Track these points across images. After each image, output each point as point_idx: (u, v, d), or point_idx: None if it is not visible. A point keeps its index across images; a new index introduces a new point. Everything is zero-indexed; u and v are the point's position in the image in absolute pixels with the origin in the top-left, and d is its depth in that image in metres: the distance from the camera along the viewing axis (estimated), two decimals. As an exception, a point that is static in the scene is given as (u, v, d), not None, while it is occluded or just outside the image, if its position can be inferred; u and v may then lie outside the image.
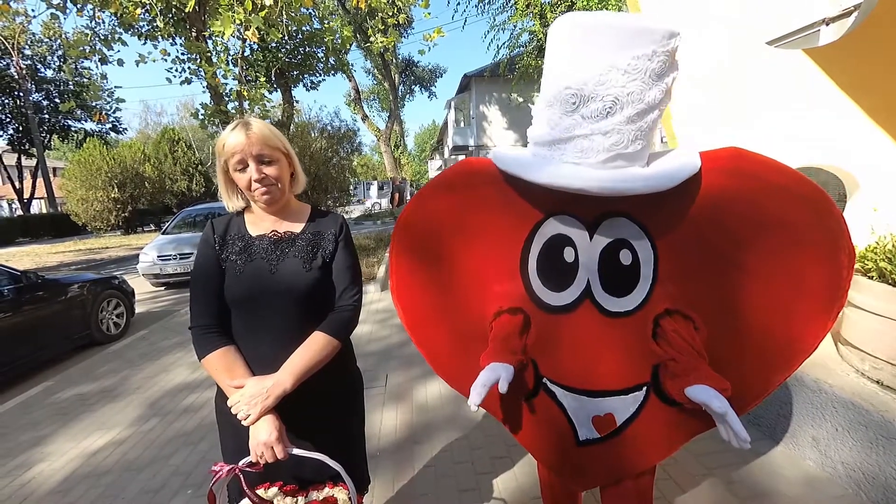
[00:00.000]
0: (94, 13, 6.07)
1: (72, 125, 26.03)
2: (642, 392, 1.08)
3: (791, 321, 1.01)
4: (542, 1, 10.10)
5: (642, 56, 0.88)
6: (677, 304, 1.04)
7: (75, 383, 3.58)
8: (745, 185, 0.99)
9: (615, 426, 1.10)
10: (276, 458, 0.99)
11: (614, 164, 0.95)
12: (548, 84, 1.00)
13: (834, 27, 4.22)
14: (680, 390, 0.97)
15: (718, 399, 0.89)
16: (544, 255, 1.10)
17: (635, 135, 0.93)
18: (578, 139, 0.95)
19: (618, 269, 1.05)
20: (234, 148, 1.04)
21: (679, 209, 1.03)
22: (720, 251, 1.02)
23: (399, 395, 2.92)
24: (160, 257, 7.23)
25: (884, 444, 1.63)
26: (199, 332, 1.07)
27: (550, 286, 1.10)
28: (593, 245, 1.05)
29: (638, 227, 1.04)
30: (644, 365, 1.07)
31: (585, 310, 1.07)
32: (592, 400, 1.10)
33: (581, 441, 1.13)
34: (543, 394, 1.14)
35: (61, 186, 18.93)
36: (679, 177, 0.96)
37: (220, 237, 1.12)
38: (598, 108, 0.91)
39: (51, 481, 2.28)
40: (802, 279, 0.98)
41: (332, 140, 9.42)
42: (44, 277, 4.27)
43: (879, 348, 1.79)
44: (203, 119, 6.63)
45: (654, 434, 1.11)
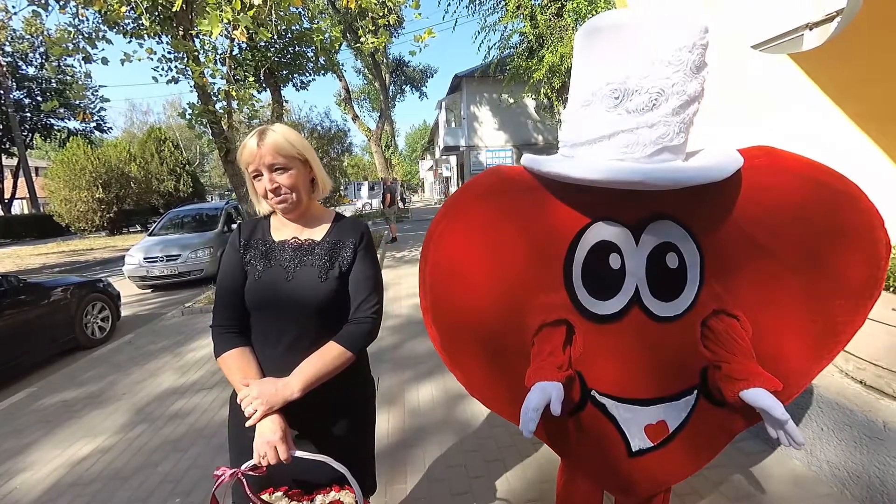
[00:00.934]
0: (77, 10, 5.93)
1: (55, 124, 25.46)
2: (693, 396, 1.08)
3: (832, 313, 1.05)
4: (532, 2, 10.15)
5: (684, 48, 0.89)
6: (724, 303, 1.05)
7: (60, 389, 3.50)
8: (784, 181, 1.01)
9: (668, 433, 1.09)
10: (280, 459, 0.98)
11: (661, 157, 0.94)
12: (582, 84, 0.99)
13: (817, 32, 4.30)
14: (736, 394, 0.97)
15: (780, 406, 0.91)
16: (589, 264, 1.05)
17: (679, 127, 0.93)
18: (623, 134, 0.93)
19: (665, 272, 1.03)
20: (249, 157, 1.06)
21: (721, 208, 1.03)
22: (763, 248, 1.03)
23: (391, 399, 2.91)
24: (147, 259, 7.12)
25: (867, 444, 1.66)
26: (219, 331, 1.10)
27: (597, 295, 1.06)
28: (640, 250, 1.02)
29: (683, 229, 1.02)
30: (694, 368, 1.07)
31: (634, 317, 1.04)
32: (644, 409, 1.07)
33: (634, 452, 1.10)
34: (591, 407, 1.10)
35: (44, 186, 18.55)
36: (731, 169, 0.95)
37: (244, 240, 1.14)
38: (643, 101, 0.90)
39: (35, 491, 2.23)
40: (843, 272, 1.02)
41: (323, 140, 9.38)
42: (25, 281, 4.17)
43: (863, 349, 1.83)
44: (191, 119, 6.52)
45: (703, 437, 1.12)
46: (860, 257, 1.00)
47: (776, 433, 0.95)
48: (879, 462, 1.62)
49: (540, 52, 10.38)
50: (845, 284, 1.02)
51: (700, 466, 1.18)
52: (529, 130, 20.08)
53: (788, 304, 1.05)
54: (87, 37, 6.09)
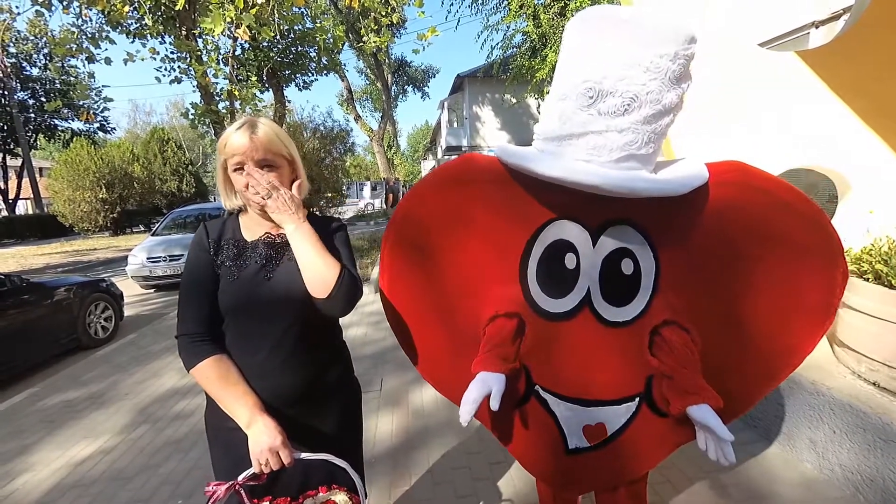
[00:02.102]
0: (80, 11, 5.95)
1: (58, 124, 25.55)
2: (635, 403, 1.08)
3: (788, 332, 1.04)
4: (535, 2, 10.12)
5: (665, 55, 0.86)
6: (677, 315, 1.04)
7: (62, 389, 3.49)
8: (752, 199, 1.00)
9: (606, 436, 1.10)
10: (282, 464, 0.95)
11: (627, 164, 0.93)
12: (563, 77, 0.97)
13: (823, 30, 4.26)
14: (683, 407, 0.97)
15: (723, 427, 0.91)
16: (545, 261, 1.07)
17: (649, 136, 0.92)
18: (592, 135, 0.92)
19: (619, 277, 1.03)
20: (235, 149, 0.99)
21: (684, 220, 1.02)
22: (723, 263, 1.03)
23: (394, 400, 2.89)
24: (150, 259, 7.11)
25: (882, 447, 1.63)
26: (188, 341, 1.01)
27: (550, 292, 1.08)
28: (596, 252, 1.03)
29: (641, 237, 1.02)
30: (639, 376, 1.07)
31: (584, 318, 1.05)
32: (585, 409, 1.09)
33: (570, 450, 1.12)
34: (535, 401, 1.12)
35: (48, 187, 18.60)
36: (691, 184, 0.95)
37: (214, 241, 1.07)
38: (616, 104, 0.89)
39: (36, 492, 2.21)
40: (800, 292, 1.02)
41: (325, 140, 9.35)
42: (28, 280, 4.17)
43: (876, 350, 1.80)
44: (193, 119, 6.54)
45: (643, 444, 1.11)
46: (818, 281, 1.01)
47: (706, 446, 0.96)
48: (894, 466, 1.59)
49: (543, 51, 10.35)
50: (802, 308, 1.03)
51: (637, 473, 1.18)
52: (532, 130, 19.85)
53: (747, 320, 1.05)
54: (90, 37, 6.11)
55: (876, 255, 1.85)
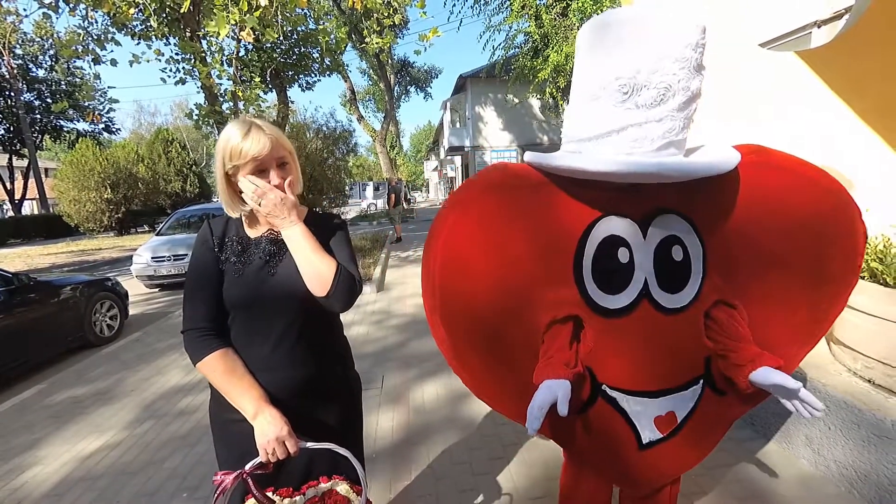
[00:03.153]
0: (86, 13, 6.01)
1: (64, 125, 25.78)
2: (699, 385, 1.11)
3: (817, 301, 1.13)
4: (537, 2, 10.13)
5: (689, 45, 0.91)
6: (723, 294, 1.08)
7: (69, 386, 3.54)
8: (779, 178, 1.06)
9: (676, 423, 1.10)
10: (289, 453, 0.97)
11: (667, 151, 0.96)
12: (590, 78, 0.99)
13: (826, 29, 4.26)
14: (745, 378, 1.00)
15: (789, 378, 0.95)
16: (599, 258, 1.05)
17: (684, 122, 0.95)
18: (632, 128, 0.94)
19: (671, 265, 1.05)
20: (256, 153, 0.99)
21: (721, 202, 1.06)
22: (756, 241, 1.08)
23: (396, 397, 2.92)
24: (154, 259, 7.18)
25: (876, 443, 1.65)
26: (194, 335, 1.02)
27: (608, 289, 1.06)
28: (647, 243, 1.04)
29: (686, 223, 1.05)
30: (699, 358, 1.10)
31: (643, 310, 1.05)
32: (654, 400, 1.08)
33: (644, 444, 1.11)
34: (602, 401, 1.10)
35: (53, 187, 18.74)
36: (732, 163, 0.98)
37: (218, 238, 1.09)
38: (651, 96, 0.92)
39: (44, 485, 2.26)
40: (828, 263, 1.10)
41: (328, 141, 9.39)
42: (36, 279, 4.22)
43: (871, 348, 1.82)
44: (197, 120, 6.58)
45: (707, 426, 1.15)
46: (843, 248, 1.09)
47: (792, 406, 0.98)
48: (889, 462, 1.61)
49: (545, 51, 10.35)
50: (829, 274, 1.10)
51: (703, 457, 1.21)
52: (534, 130, 20.04)
53: (779, 294, 1.11)
54: (96, 39, 6.17)
55: (872, 253, 1.86)
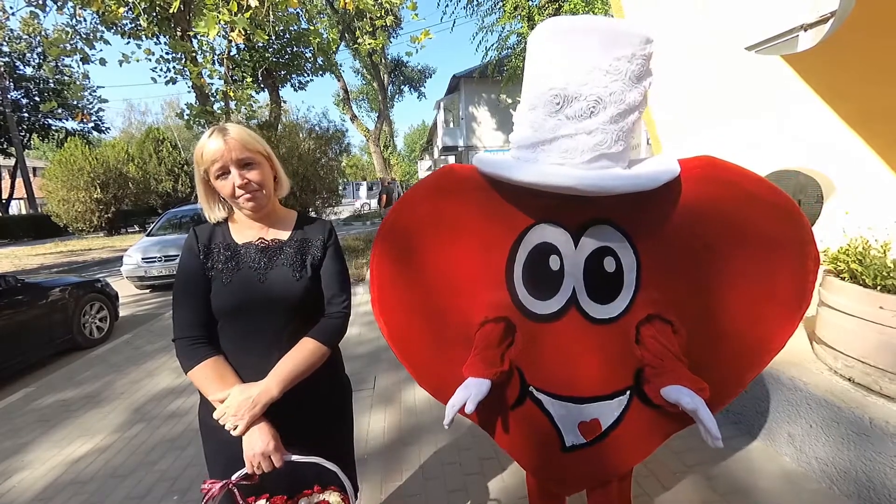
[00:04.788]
0: (75, 11, 5.95)
1: (52, 124, 25.42)
2: (626, 396, 1.11)
3: (763, 322, 1.07)
4: (529, 3, 10.18)
5: (622, 57, 0.91)
6: (658, 309, 1.07)
7: (57, 389, 3.51)
8: (721, 192, 1.03)
9: (600, 431, 1.12)
10: (274, 467, 0.98)
11: (598, 164, 0.97)
12: (530, 87, 1.02)
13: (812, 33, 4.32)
14: (657, 391, 1.00)
15: (689, 396, 0.93)
16: (530, 264, 1.10)
17: (617, 135, 0.96)
18: (563, 139, 0.96)
19: (602, 276, 1.07)
20: (213, 155, 1.01)
21: (659, 215, 1.05)
22: (698, 256, 1.06)
23: (387, 398, 2.93)
24: (145, 259, 7.11)
25: (854, 440, 1.69)
26: (185, 344, 1.03)
27: (536, 294, 1.10)
28: (578, 252, 1.06)
29: (621, 234, 1.06)
30: (628, 369, 1.10)
31: (571, 317, 1.08)
32: (579, 406, 1.11)
33: (567, 447, 1.14)
34: (530, 402, 1.14)
35: (42, 187, 18.48)
36: (662, 179, 0.98)
37: (204, 246, 1.09)
38: (581, 107, 0.93)
39: (32, 490, 2.24)
40: (774, 283, 1.04)
41: (321, 140, 9.37)
42: (23, 281, 4.17)
43: (851, 347, 1.86)
44: (188, 119, 6.55)
45: (636, 436, 1.14)
46: (791, 269, 1.03)
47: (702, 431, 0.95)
48: (867, 458, 1.65)
49: (537, 52, 10.40)
50: (778, 295, 1.05)
51: (629, 465, 1.22)
52: (527, 131, 20.09)
53: (723, 312, 1.08)
54: (84, 37, 6.10)
55: (852, 254, 1.91)
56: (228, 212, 1.15)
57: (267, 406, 1.00)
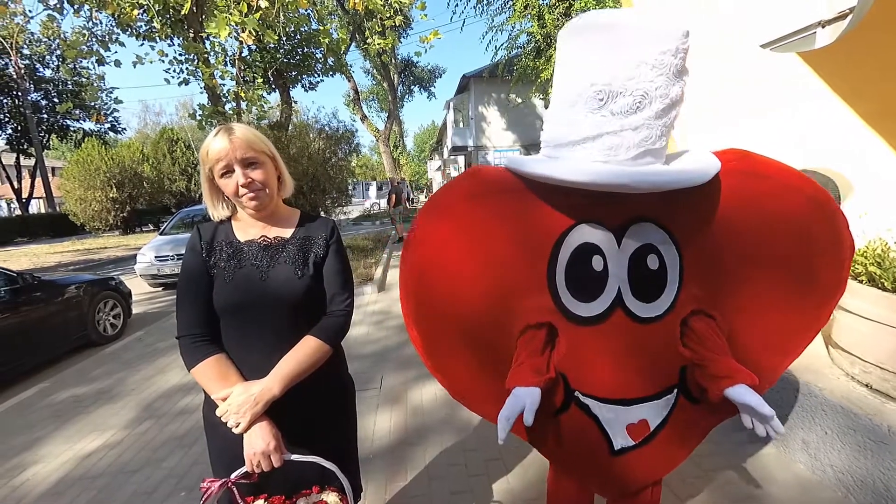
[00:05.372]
0: (91, 14, 6.06)
1: (70, 125, 25.99)
2: (673, 395, 1.10)
3: (800, 311, 1.10)
4: (539, 2, 10.11)
5: (667, 51, 0.89)
6: (701, 304, 1.07)
7: (71, 385, 3.58)
8: (758, 185, 1.03)
9: (649, 431, 1.10)
10: (273, 466, 0.98)
11: (644, 160, 0.95)
12: (567, 83, 0.98)
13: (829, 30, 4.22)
14: (720, 391, 0.99)
15: (764, 403, 0.95)
16: (572, 266, 1.05)
17: (662, 130, 0.94)
18: (607, 136, 0.93)
19: (646, 274, 1.04)
20: (218, 153, 1.02)
21: (699, 210, 1.04)
22: (737, 249, 1.06)
23: (394, 398, 2.92)
24: (158, 258, 7.22)
25: (872, 449, 1.63)
26: (189, 342, 1.04)
27: (580, 297, 1.06)
28: (622, 252, 1.03)
29: (663, 231, 1.03)
30: (673, 368, 1.09)
31: (617, 318, 1.05)
32: (626, 408, 1.08)
33: (616, 450, 1.11)
34: (575, 408, 1.10)
35: (60, 186, 18.95)
36: (710, 173, 0.96)
37: (206, 243, 1.10)
38: (627, 103, 0.90)
39: (44, 483, 2.28)
40: (811, 272, 1.06)
41: (331, 140, 9.43)
42: (40, 278, 4.27)
43: (869, 352, 1.80)
44: (201, 120, 6.63)
45: (681, 434, 1.14)
46: (828, 259, 1.05)
47: (751, 424, 0.98)
48: (885, 467, 1.60)
49: (548, 51, 10.33)
50: (814, 285, 1.07)
51: (677, 463, 1.20)
52: (537, 130, 19.84)
53: (761, 305, 1.09)
54: (100, 39, 6.23)
55: (870, 257, 1.85)
56: (232, 210, 1.15)
57: (268, 404, 1.00)
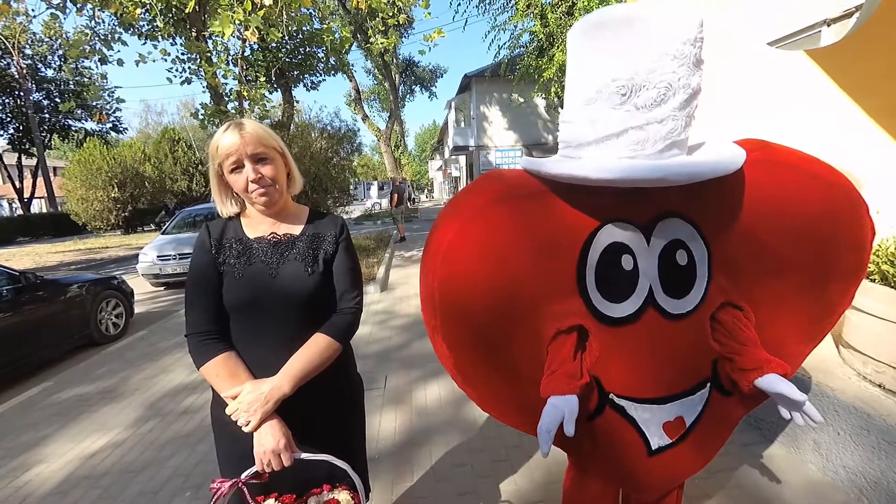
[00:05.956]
0: (93, 13, 6.06)
1: (72, 125, 26.04)
2: (706, 389, 1.09)
3: (826, 297, 1.11)
4: (542, 1, 10.09)
5: (687, 41, 0.87)
6: (729, 296, 1.06)
7: (74, 384, 3.57)
8: (781, 174, 1.03)
9: (685, 428, 1.09)
10: (283, 465, 0.97)
11: (670, 153, 0.92)
12: (583, 81, 0.95)
13: (835, 28, 4.20)
14: (750, 382, 0.99)
15: (795, 389, 0.94)
16: (602, 267, 1.02)
17: (686, 121, 0.92)
18: (632, 131, 0.91)
19: (676, 270, 1.02)
20: (228, 149, 1.01)
21: (725, 203, 1.03)
22: (765, 241, 1.05)
23: (398, 398, 2.91)
24: (160, 257, 7.22)
25: (886, 450, 1.61)
26: (198, 339, 1.03)
27: (611, 298, 1.03)
28: (651, 249, 1.01)
29: (690, 226, 1.02)
30: (706, 361, 1.08)
31: (649, 317, 1.02)
32: (662, 407, 1.07)
33: (654, 450, 1.09)
34: (610, 410, 1.08)
35: (61, 186, 18.96)
36: (739, 162, 0.95)
37: (216, 241, 1.08)
38: (651, 96, 0.88)
39: (49, 483, 2.27)
40: (836, 260, 1.07)
41: (333, 140, 9.41)
42: (42, 278, 4.26)
43: (882, 352, 1.78)
44: (203, 119, 6.62)
45: (715, 428, 1.14)
46: (851, 244, 1.06)
47: (790, 414, 0.98)
48: (899, 468, 1.58)
49: (550, 51, 10.32)
50: (838, 271, 1.08)
51: (709, 459, 1.20)
52: (539, 130, 19.98)
53: (786, 293, 1.09)
54: (103, 39, 6.22)
55: (883, 255, 1.83)
56: (241, 207, 1.14)
57: (279, 402, 0.99)
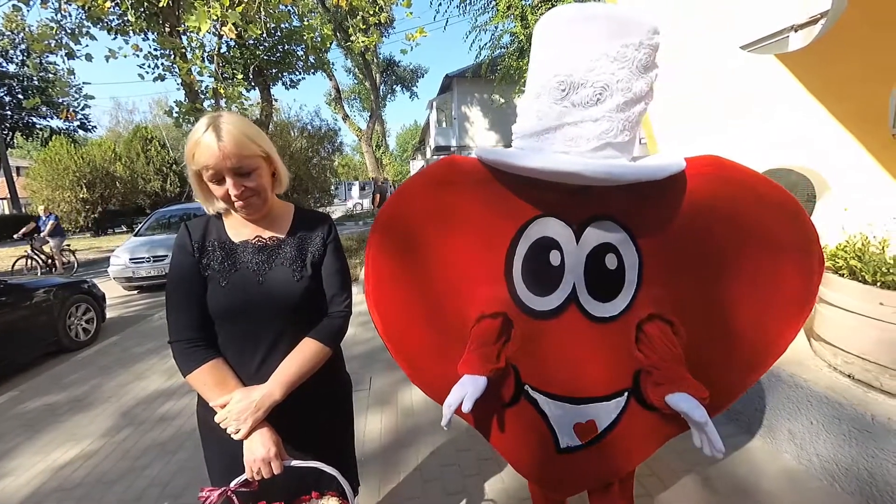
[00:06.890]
0: (59, 5, 5.81)
1: (37, 122, 24.92)
2: (624, 398, 1.08)
3: (768, 323, 1.05)
4: (522, 3, 10.19)
5: (630, 45, 0.89)
6: (661, 308, 1.04)
7: (43, 392, 3.41)
8: (728, 191, 1.01)
9: (596, 433, 1.10)
10: (273, 473, 0.95)
11: (604, 152, 0.95)
12: (535, 75, 0.99)
13: (802, 34, 4.36)
14: (661, 398, 0.98)
15: (699, 409, 0.92)
16: (530, 259, 1.06)
17: (623, 124, 0.94)
18: (568, 127, 0.94)
19: (603, 273, 1.04)
20: (206, 160, 0.92)
21: (664, 213, 1.03)
22: (703, 255, 1.04)
23: (384, 399, 2.89)
24: (132, 260, 6.97)
25: (856, 437, 1.69)
26: (183, 347, 0.98)
27: (536, 290, 1.07)
28: (579, 248, 1.03)
29: (624, 231, 1.03)
30: (626, 371, 1.07)
31: (571, 315, 1.05)
32: (575, 407, 1.08)
33: (562, 449, 1.11)
34: (524, 401, 1.11)
35: (26, 186, 18.14)
36: (669, 170, 0.96)
37: (197, 243, 1.03)
38: (588, 94, 0.91)
39: (16, 497, 2.16)
40: (779, 283, 1.03)
41: (313, 140, 9.31)
42: (6, 282, 4.06)
43: (851, 343, 1.86)
44: (178, 117, 6.44)
45: (633, 439, 1.12)
46: (796, 270, 1.02)
47: (699, 440, 0.95)
48: (868, 455, 1.65)
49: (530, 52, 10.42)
50: (783, 296, 1.04)
51: (625, 469, 1.19)
52: (520, 130, 20.13)
53: (727, 312, 1.06)
54: (70, 33, 5.97)
55: (850, 251, 1.91)
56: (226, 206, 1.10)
57: (269, 410, 0.97)
